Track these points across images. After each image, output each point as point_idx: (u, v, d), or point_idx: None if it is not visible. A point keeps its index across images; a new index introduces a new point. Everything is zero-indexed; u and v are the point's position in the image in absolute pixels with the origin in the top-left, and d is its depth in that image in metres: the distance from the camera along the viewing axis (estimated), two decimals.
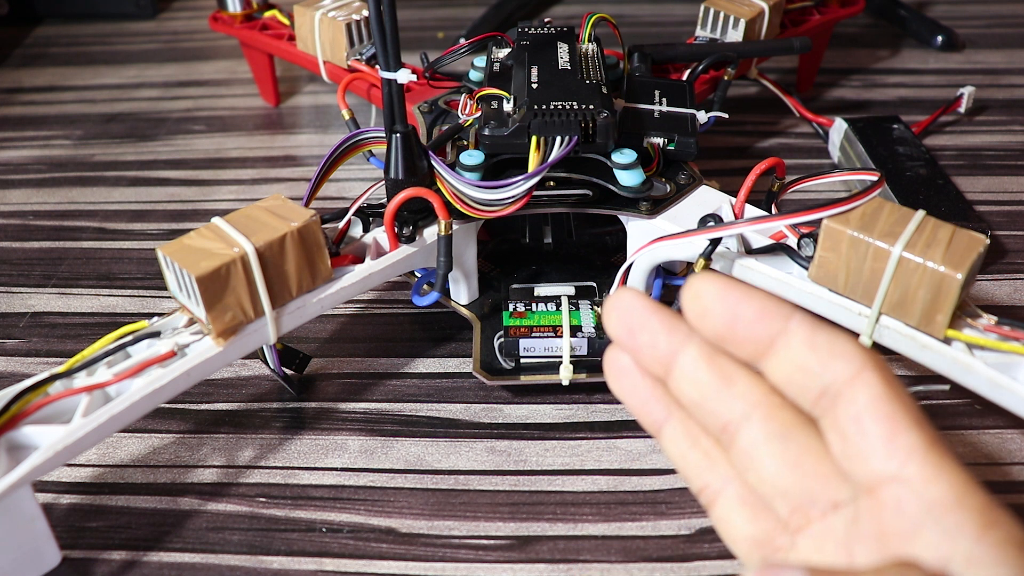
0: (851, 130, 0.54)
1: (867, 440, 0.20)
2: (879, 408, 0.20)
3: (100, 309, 0.46)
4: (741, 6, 0.54)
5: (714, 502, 0.24)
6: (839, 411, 0.20)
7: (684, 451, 0.25)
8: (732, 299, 0.21)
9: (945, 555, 0.18)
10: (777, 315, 0.21)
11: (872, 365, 0.20)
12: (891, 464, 0.19)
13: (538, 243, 0.45)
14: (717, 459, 0.24)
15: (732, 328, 0.21)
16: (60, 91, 0.70)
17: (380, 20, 0.33)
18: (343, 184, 0.55)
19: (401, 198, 0.35)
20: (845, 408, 0.20)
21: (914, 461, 0.19)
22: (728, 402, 0.22)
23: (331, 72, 0.55)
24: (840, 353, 0.20)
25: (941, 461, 0.19)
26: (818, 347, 0.21)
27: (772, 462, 0.22)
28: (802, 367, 0.21)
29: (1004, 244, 0.48)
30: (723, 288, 0.21)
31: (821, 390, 0.21)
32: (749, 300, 0.21)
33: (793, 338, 0.21)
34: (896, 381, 0.20)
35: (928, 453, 0.19)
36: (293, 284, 0.33)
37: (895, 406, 0.20)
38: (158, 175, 0.58)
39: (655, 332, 0.23)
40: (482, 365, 0.38)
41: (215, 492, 0.35)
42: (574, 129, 0.36)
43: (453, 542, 0.33)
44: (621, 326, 0.23)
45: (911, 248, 0.30)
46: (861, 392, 0.20)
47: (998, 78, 0.66)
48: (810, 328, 0.21)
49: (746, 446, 0.22)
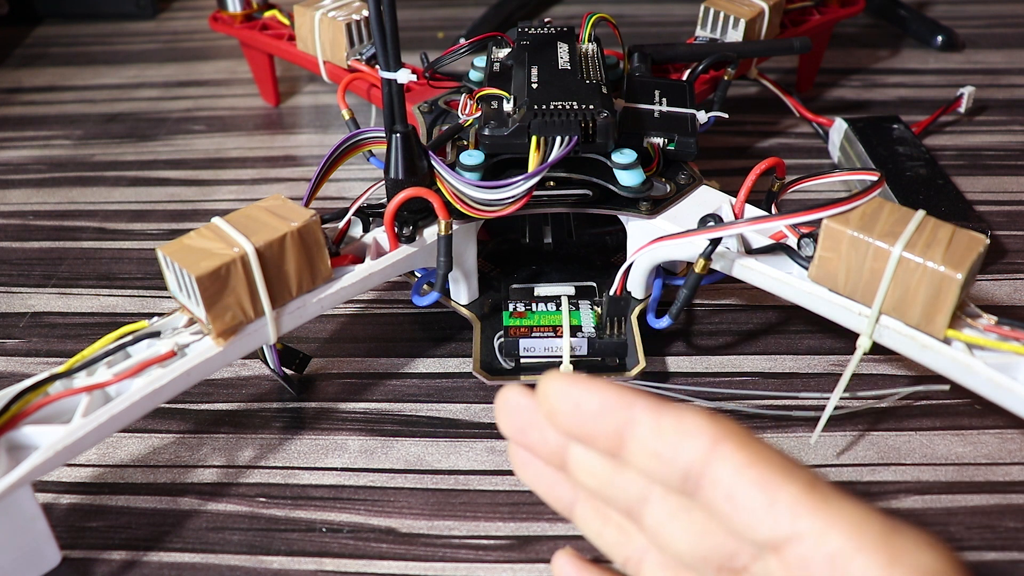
0: (851, 130, 0.54)
1: (749, 512, 0.19)
2: (745, 476, 0.19)
3: (100, 309, 0.46)
4: (741, 6, 0.54)
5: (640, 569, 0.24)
6: (708, 493, 0.20)
7: (598, 529, 0.25)
8: (574, 397, 0.21)
9: None
10: (618, 406, 0.21)
11: (724, 436, 0.20)
12: (781, 526, 0.19)
13: (538, 243, 0.45)
14: (631, 532, 0.24)
15: (580, 425, 0.21)
16: (60, 91, 0.70)
17: (380, 20, 0.33)
18: (343, 184, 0.55)
19: (401, 198, 0.35)
20: (712, 489, 0.20)
21: (802, 516, 0.19)
22: (624, 487, 0.22)
23: (331, 72, 0.55)
24: (688, 432, 0.20)
25: (827, 508, 0.19)
26: (665, 432, 0.20)
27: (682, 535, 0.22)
28: (656, 455, 0.20)
29: (1004, 244, 0.48)
30: (565, 387, 0.21)
31: (682, 474, 0.20)
32: (590, 395, 0.21)
33: (639, 427, 0.21)
34: (751, 440, 0.20)
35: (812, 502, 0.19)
36: (293, 284, 0.33)
37: (761, 469, 0.19)
38: (158, 175, 0.58)
39: (542, 429, 0.23)
40: (482, 365, 0.38)
41: (215, 492, 0.35)
42: (574, 129, 0.36)
43: (453, 542, 0.33)
44: (511, 426, 0.24)
45: (911, 248, 0.30)
46: (722, 469, 0.20)
47: (998, 78, 0.66)
48: (654, 413, 0.20)
49: (653, 525, 0.22)
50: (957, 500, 0.34)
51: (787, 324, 0.43)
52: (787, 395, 0.39)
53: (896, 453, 0.36)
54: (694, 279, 0.35)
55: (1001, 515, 0.33)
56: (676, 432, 0.20)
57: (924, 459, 0.36)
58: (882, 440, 0.37)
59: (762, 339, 0.42)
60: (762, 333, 0.42)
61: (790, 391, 0.39)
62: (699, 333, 0.43)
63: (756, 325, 0.43)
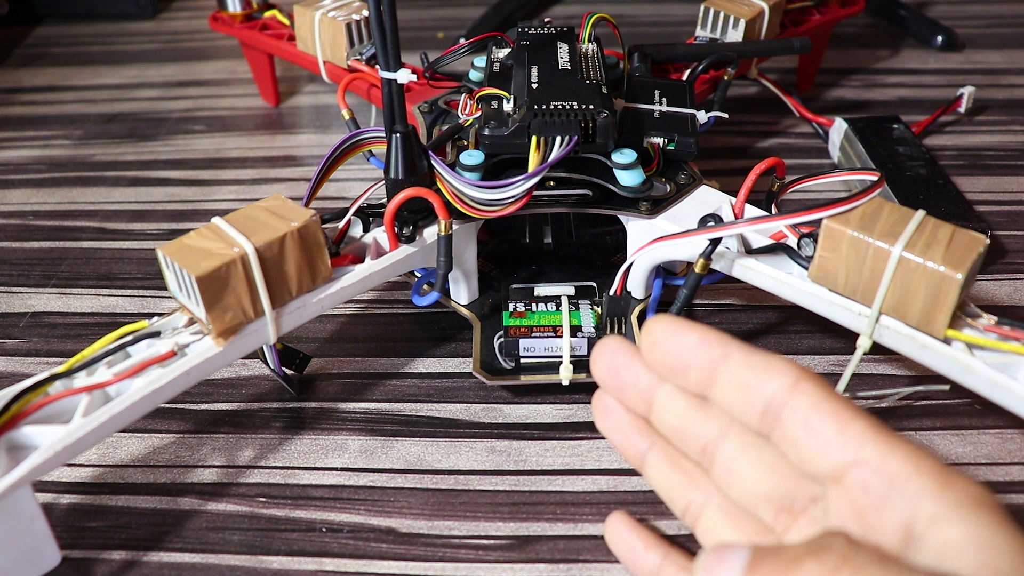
0: (851, 130, 0.54)
1: (821, 438, 0.21)
2: (822, 408, 0.21)
3: (100, 309, 0.46)
4: (741, 6, 0.54)
5: (699, 517, 0.26)
6: (785, 421, 0.22)
7: (666, 474, 0.27)
8: (676, 332, 0.24)
9: (909, 518, 0.20)
10: (716, 343, 0.23)
11: (805, 376, 0.22)
12: (848, 452, 0.21)
13: (538, 243, 0.45)
14: (699, 478, 0.26)
15: (678, 357, 0.24)
16: (60, 91, 0.70)
17: (380, 20, 0.33)
18: (343, 184, 0.55)
19: (401, 198, 0.35)
20: (790, 417, 0.22)
21: (868, 444, 0.21)
22: (705, 424, 0.25)
23: (331, 72, 0.55)
24: (775, 370, 0.22)
25: (891, 440, 0.21)
26: (755, 367, 0.22)
27: (752, 471, 0.24)
28: (743, 386, 0.23)
29: (1004, 244, 0.48)
30: (669, 324, 0.24)
31: (764, 407, 0.22)
32: (690, 331, 0.24)
33: (732, 362, 0.23)
34: (829, 386, 0.22)
35: (878, 435, 0.21)
36: (293, 284, 0.33)
37: (836, 404, 0.22)
38: (158, 175, 0.58)
39: (636, 371, 0.25)
40: (482, 365, 0.38)
41: (215, 492, 0.35)
42: (574, 129, 0.36)
43: (453, 542, 0.33)
44: (606, 368, 0.26)
45: (911, 248, 0.30)
46: (802, 400, 0.22)
47: (998, 78, 0.66)
48: (746, 352, 0.23)
49: (725, 461, 0.24)
50: None
51: (787, 324, 0.43)
52: None
53: None
54: (694, 279, 0.35)
55: None
56: (765, 368, 0.22)
57: None
58: None
59: (762, 339, 0.42)
60: (762, 333, 0.42)
61: None
62: None
63: (756, 325, 0.43)
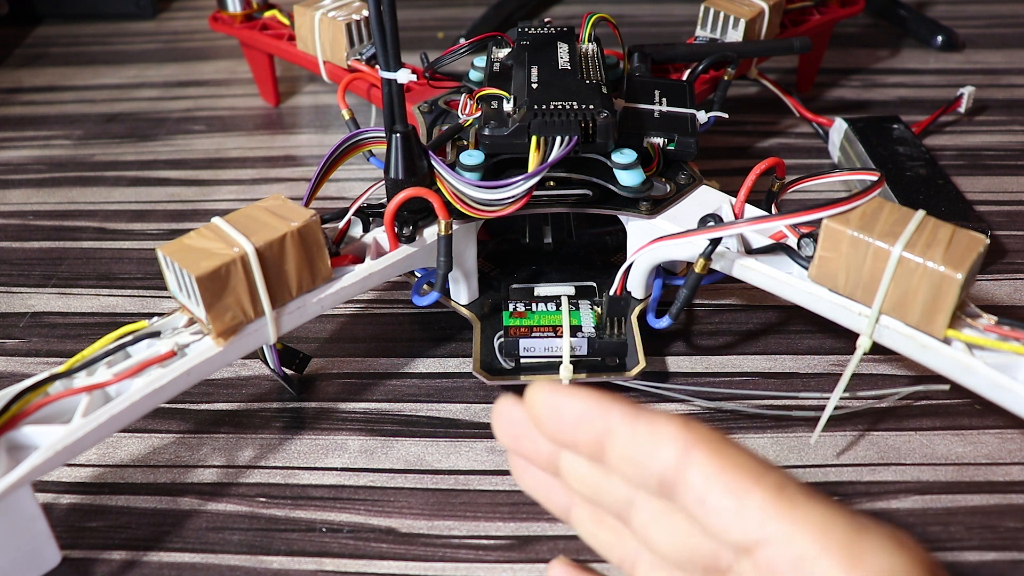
0: (851, 130, 0.54)
1: (720, 516, 0.20)
2: (716, 483, 0.20)
3: (100, 309, 0.46)
4: (741, 6, 0.54)
5: (635, 567, 0.25)
6: (682, 498, 0.21)
7: (594, 531, 0.26)
8: (556, 405, 0.22)
9: None
10: (596, 413, 0.22)
11: (693, 441, 0.20)
12: (751, 530, 0.20)
13: (538, 243, 0.45)
14: (624, 534, 0.25)
15: (563, 431, 0.22)
16: (60, 91, 0.70)
17: (380, 20, 0.33)
18: (343, 184, 0.55)
19: (401, 198, 0.35)
20: (685, 494, 0.20)
21: (769, 521, 0.19)
22: (612, 491, 0.23)
23: (331, 72, 0.55)
24: (661, 439, 0.21)
25: (793, 512, 0.19)
26: (639, 439, 0.21)
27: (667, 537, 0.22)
28: (633, 461, 0.21)
29: (1004, 244, 0.48)
30: (548, 397, 0.22)
31: (658, 480, 0.21)
32: (570, 403, 0.22)
33: (616, 437, 0.21)
34: (723, 445, 0.20)
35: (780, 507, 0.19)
36: (293, 284, 0.33)
37: (731, 475, 0.20)
38: (158, 175, 0.58)
39: (535, 439, 0.24)
40: (482, 365, 0.38)
41: (215, 492, 0.35)
42: (574, 129, 0.36)
43: (453, 542, 0.33)
44: (507, 436, 0.25)
45: (911, 248, 0.30)
46: (693, 474, 0.20)
47: (998, 78, 0.66)
48: (629, 420, 0.21)
49: (639, 528, 0.23)
50: (957, 500, 0.34)
51: (787, 324, 0.43)
52: (787, 395, 0.39)
53: (896, 453, 0.36)
54: (694, 279, 0.35)
55: (1001, 515, 0.33)
56: (649, 439, 0.21)
57: (924, 459, 0.36)
58: (882, 440, 0.37)
59: (762, 339, 0.42)
60: (762, 333, 0.42)
61: (790, 391, 0.39)
62: (699, 333, 0.43)
63: (756, 325, 0.43)
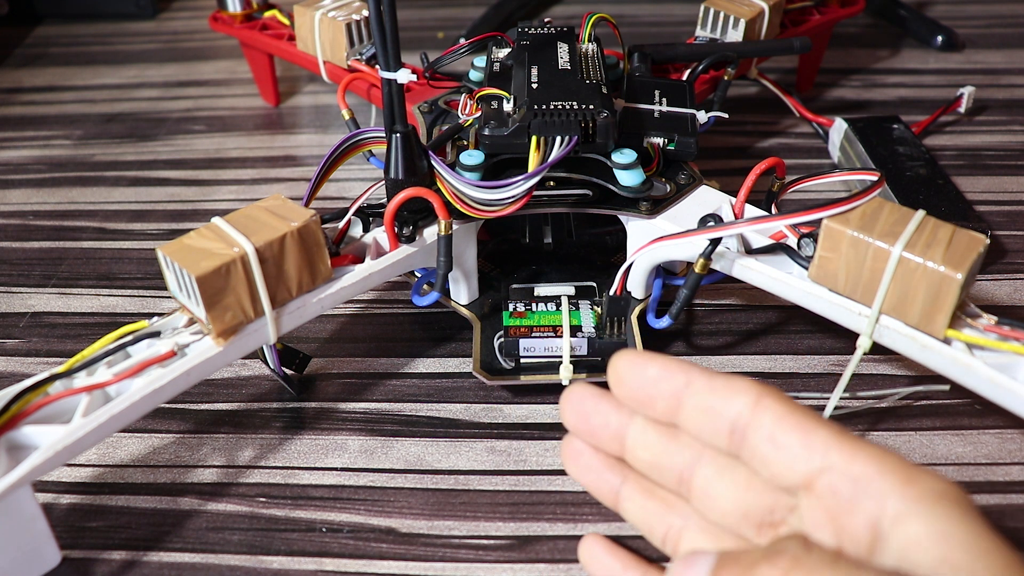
0: (851, 130, 0.54)
1: (787, 451, 0.22)
2: (785, 422, 0.22)
3: (100, 309, 0.46)
4: (741, 6, 0.54)
5: (679, 540, 0.26)
6: (752, 439, 0.23)
7: (642, 504, 0.27)
8: (639, 364, 0.25)
9: (876, 517, 0.21)
10: (678, 371, 0.24)
11: (767, 393, 0.23)
12: (814, 460, 0.22)
13: (538, 243, 0.45)
14: (675, 504, 0.27)
15: (643, 389, 0.25)
16: (60, 91, 0.70)
17: (380, 20, 0.33)
18: (343, 184, 0.55)
19: (401, 198, 0.35)
20: (756, 434, 0.23)
21: (832, 451, 0.22)
22: (678, 453, 0.25)
23: (331, 72, 0.55)
24: (737, 390, 0.23)
25: (854, 444, 0.22)
26: (717, 390, 0.23)
27: (729, 492, 0.24)
28: (708, 410, 0.24)
29: (1004, 244, 0.48)
30: (632, 357, 0.25)
31: (730, 427, 0.23)
32: (652, 362, 0.25)
33: (695, 388, 0.24)
34: (790, 400, 0.23)
35: (842, 440, 0.22)
36: (293, 284, 0.33)
37: (798, 416, 0.22)
38: (158, 175, 0.58)
39: (606, 413, 0.26)
40: (482, 365, 0.38)
41: (215, 492, 0.35)
42: (574, 129, 0.36)
43: (453, 542, 0.33)
44: (576, 415, 0.27)
45: (911, 248, 0.30)
46: (765, 416, 0.23)
47: (998, 78, 0.66)
48: (708, 376, 0.24)
49: (702, 486, 0.25)
50: None
51: (787, 324, 0.43)
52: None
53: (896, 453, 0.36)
54: (694, 279, 0.35)
55: (1001, 515, 0.33)
56: (727, 389, 0.23)
57: (924, 459, 0.36)
58: (882, 440, 0.37)
59: (762, 339, 0.42)
60: (762, 333, 0.42)
61: (790, 391, 0.39)
62: (699, 333, 0.43)
63: (756, 325, 0.43)
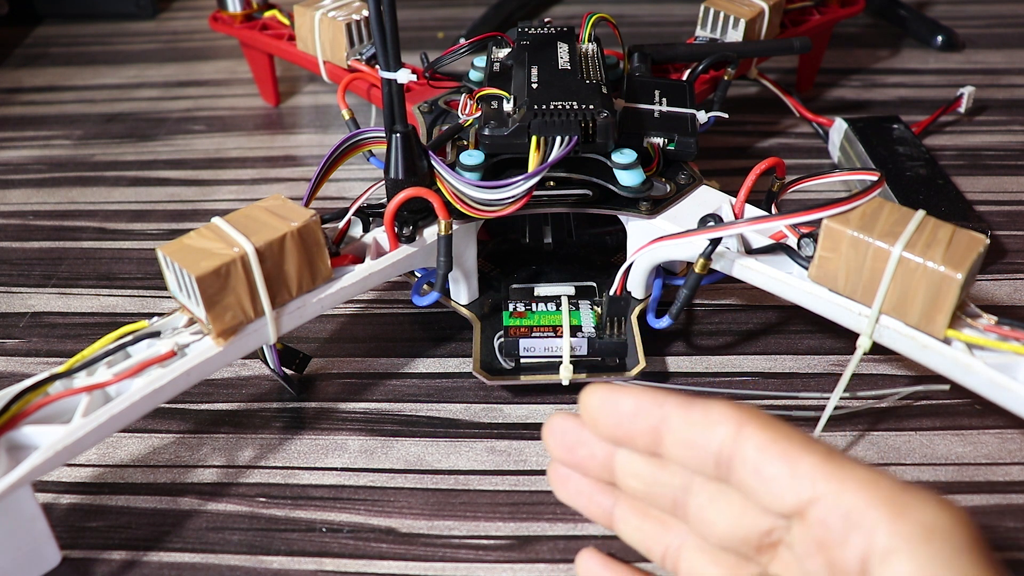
0: (851, 130, 0.54)
1: (774, 483, 0.21)
2: (769, 451, 0.21)
3: (100, 309, 0.46)
4: (741, 6, 0.54)
5: (679, 557, 0.26)
6: (738, 471, 0.22)
7: (638, 525, 0.27)
8: (610, 401, 0.24)
9: (866, 552, 0.20)
10: (651, 405, 0.23)
11: (747, 419, 0.22)
12: (803, 491, 0.21)
13: (538, 243, 0.45)
14: (670, 523, 0.26)
15: (620, 426, 0.24)
16: (60, 91, 0.70)
17: (380, 20, 0.33)
18: (343, 184, 0.55)
19: (401, 198, 0.35)
20: (741, 467, 0.22)
21: (820, 480, 0.21)
22: (669, 480, 0.25)
23: (331, 72, 0.55)
24: (715, 421, 0.22)
25: (843, 470, 0.21)
26: (694, 423, 0.22)
27: (725, 518, 0.24)
28: (689, 444, 0.23)
29: (1004, 244, 0.48)
30: (602, 394, 0.24)
31: (714, 460, 0.22)
32: (625, 399, 0.24)
33: (672, 422, 0.23)
34: (774, 422, 0.22)
35: (829, 468, 0.21)
36: (293, 284, 0.33)
37: (782, 445, 0.21)
38: (158, 175, 0.58)
39: (590, 444, 0.25)
40: (482, 365, 0.38)
41: (215, 492, 0.35)
42: (574, 129, 0.36)
43: (453, 542, 0.33)
44: (560, 447, 0.26)
45: (911, 248, 0.30)
46: (748, 447, 0.22)
47: (998, 78, 0.66)
48: (684, 408, 0.23)
49: (697, 512, 0.24)
50: (957, 500, 0.34)
51: (787, 324, 0.43)
52: (787, 395, 0.39)
53: (896, 453, 0.36)
54: (694, 279, 0.35)
55: (1001, 515, 0.33)
56: (704, 421, 0.22)
57: (924, 459, 0.36)
58: (882, 440, 0.37)
59: (762, 339, 0.42)
60: (762, 333, 0.42)
61: (790, 391, 0.39)
62: (699, 333, 0.43)
63: (756, 325, 0.43)
